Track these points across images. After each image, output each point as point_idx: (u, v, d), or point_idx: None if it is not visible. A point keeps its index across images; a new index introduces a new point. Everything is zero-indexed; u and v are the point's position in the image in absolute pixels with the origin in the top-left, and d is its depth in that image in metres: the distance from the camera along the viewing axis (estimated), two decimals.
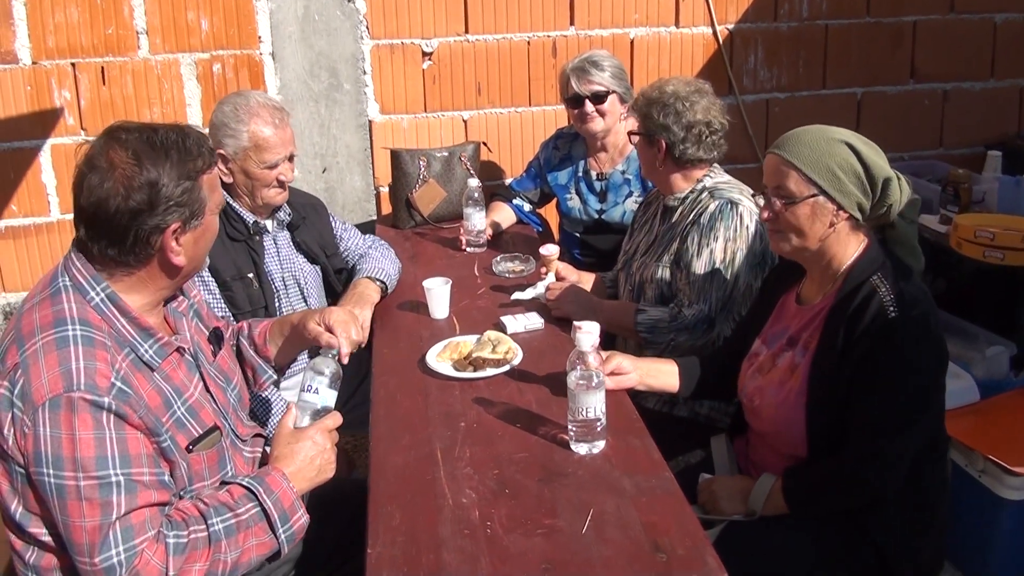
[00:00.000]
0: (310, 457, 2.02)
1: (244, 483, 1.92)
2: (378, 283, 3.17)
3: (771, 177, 2.29)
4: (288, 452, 2.01)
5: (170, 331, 2.05)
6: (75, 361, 1.76)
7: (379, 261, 3.29)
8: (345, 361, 2.29)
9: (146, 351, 1.91)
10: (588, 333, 2.19)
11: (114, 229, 1.86)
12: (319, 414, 2.10)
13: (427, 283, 3.04)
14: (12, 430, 1.75)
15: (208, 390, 2.07)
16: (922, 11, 4.56)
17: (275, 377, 2.47)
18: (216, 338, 2.24)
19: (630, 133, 3.16)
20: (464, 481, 2.09)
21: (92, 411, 1.73)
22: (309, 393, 2.11)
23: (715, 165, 3.09)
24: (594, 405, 2.17)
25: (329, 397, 2.13)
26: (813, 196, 2.21)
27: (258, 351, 2.45)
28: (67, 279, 1.90)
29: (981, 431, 3.07)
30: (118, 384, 1.78)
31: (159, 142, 1.89)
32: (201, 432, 1.96)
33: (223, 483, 1.98)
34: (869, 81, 4.63)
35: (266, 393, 2.68)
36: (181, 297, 2.14)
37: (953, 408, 3.10)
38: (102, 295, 1.89)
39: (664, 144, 2.97)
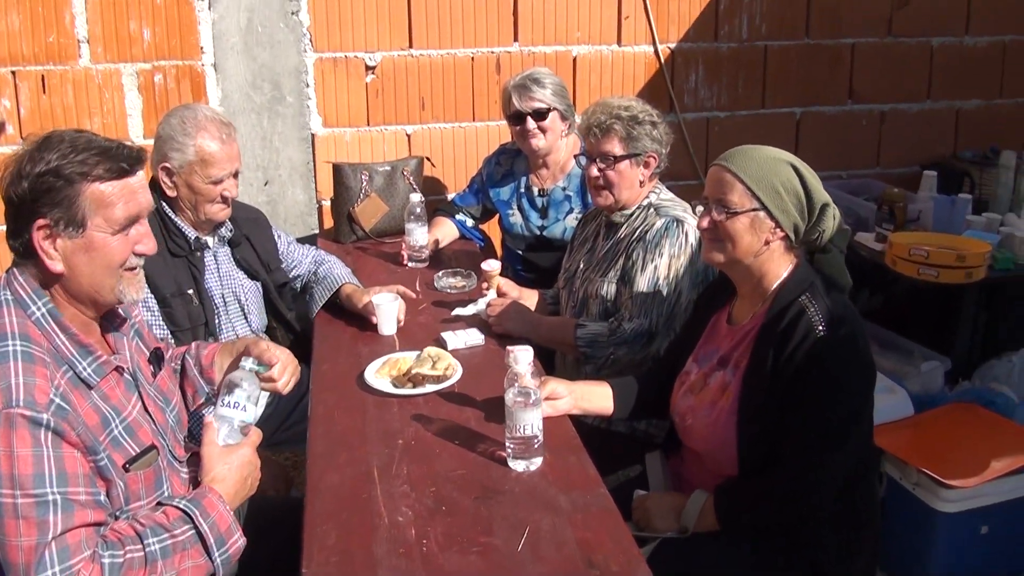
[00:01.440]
0: (244, 476, 2.01)
1: (180, 505, 1.89)
2: (357, 286, 3.23)
3: (714, 188, 2.31)
4: (223, 472, 1.99)
5: (109, 350, 2.02)
6: (15, 376, 1.74)
7: (339, 267, 3.34)
8: (284, 392, 2.31)
9: (84, 369, 1.88)
10: (524, 351, 2.21)
11: (7, 219, 1.86)
12: (243, 429, 2.08)
13: (375, 298, 3.03)
14: None
15: (147, 410, 2.04)
16: (860, 33, 4.67)
17: (209, 394, 2.43)
18: (156, 359, 2.21)
19: (614, 158, 2.97)
20: (401, 499, 2.08)
21: (31, 428, 1.70)
22: (234, 409, 2.07)
23: (658, 182, 3.12)
24: (531, 422, 2.18)
25: (253, 413, 2.10)
26: (754, 210, 2.25)
27: (203, 372, 2.42)
28: (8, 293, 1.87)
29: (915, 445, 3.13)
30: (57, 400, 1.76)
31: (59, 138, 1.87)
32: (138, 451, 1.93)
33: (159, 504, 1.95)
34: (808, 101, 4.72)
35: (205, 413, 2.65)
36: (122, 317, 2.11)
37: (888, 422, 3.17)
38: (43, 310, 1.86)
39: (655, 160, 3.00)
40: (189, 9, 4.01)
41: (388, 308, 3.01)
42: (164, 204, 2.98)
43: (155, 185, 2.93)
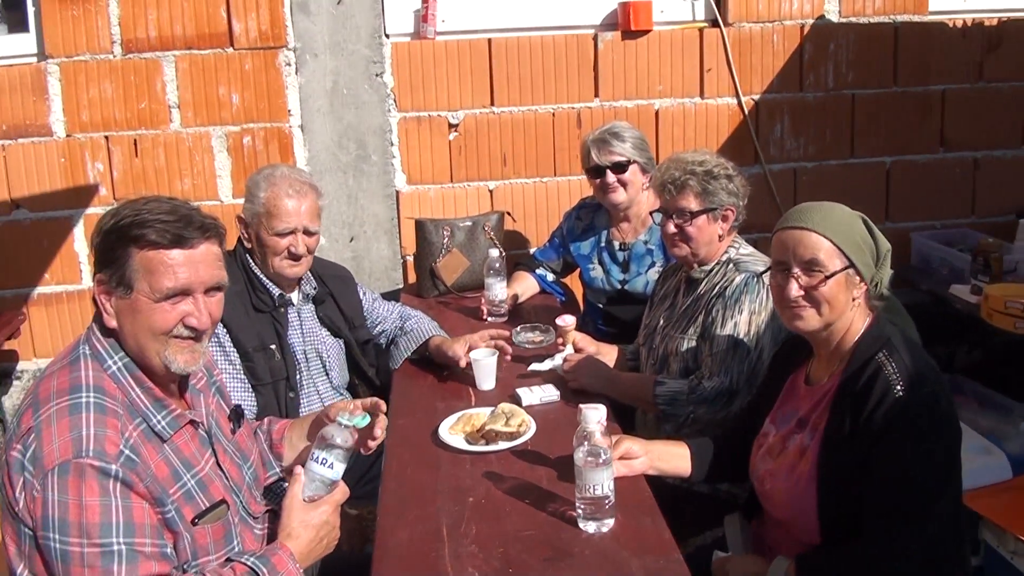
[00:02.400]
0: (320, 536, 2.01)
1: (249, 562, 1.90)
2: (445, 338, 3.25)
3: (798, 251, 2.22)
4: (299, 530, 1.99)
5: (186, 405, 2.05)
6: (86, 428, 1.77)
7: (426, 321, 3.36)
8: (373, 446, 2.33)
9: (158, 422, 1.91)
10: (594, 410, 2.18)
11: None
12: (329, 487, 2.08)
13: (474, 354, 3.05)
14: (23, 493, 1.76)
15: (220, 465, 2.06)
16: (950, 79, 4.56)
17: (280, 475, 2.43)
18: (236, 416, 2.24)
19: (690, 213, 2.92)
20: (468, 560, 2.05)
21: (99, 478, 1.74)
22: (323, 466, 2.07)
23: (738, 236, 3.07)
24: (602, 482, 2.13)
25: (340, 471, 2.11)
26: (846, 268, 2.19)
27: (272, 446, 2.43)
28: (87, 347, 1.93)
29: (1014, 510, 2.97)
30: (126, 452, 1.79)
31: (144, 200, 1.94)
32: (208, 505, 1.95)
33: (228, 560, 1.96)
34: (898, 150, 4.61)
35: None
36: (202, 374, 2.14)
37: (984, 486, 3.03)
38: (119, 364, 1.91)
39: (733, 213, 2.97)
40: (276, 74, 4.13)
41: (487, 364, 3.02)
42: (250, 259, 3.05)
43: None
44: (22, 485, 1.76)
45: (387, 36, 4.23)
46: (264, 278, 3.05)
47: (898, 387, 2.08)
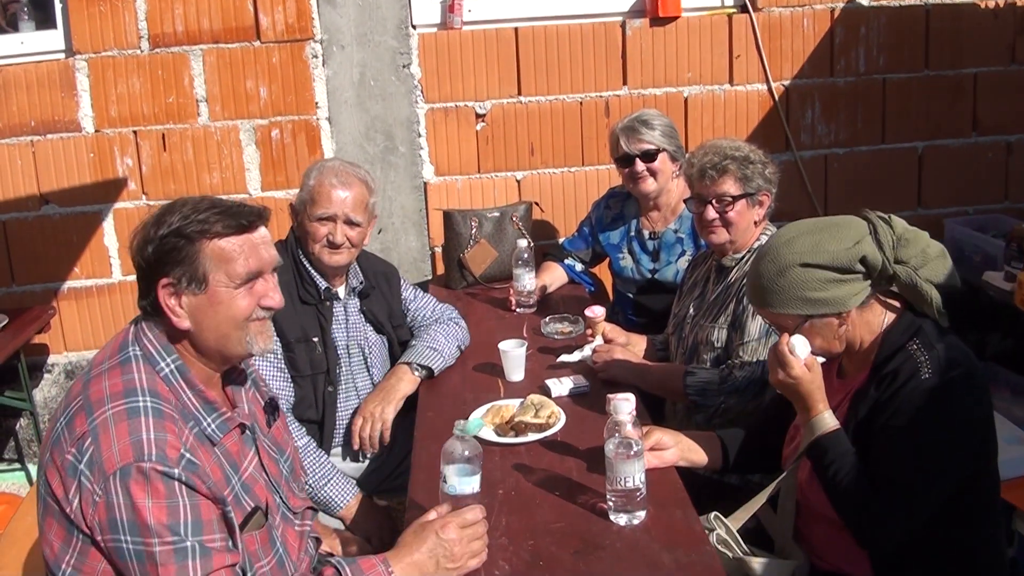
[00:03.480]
0: (430, 549, 1.99)
1: (334, 562, 1.95)
2: (418, 371, 3.09)
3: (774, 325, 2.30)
4: (409, 541, 2.02)
5: (230, 405, 2.06)
6: (145, 432, 1.77)
7: (434, 339, 3.19)
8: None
9: (209, 425, 1.91)
10: (624, 400, 2.16)
11: (139, 280, 1.93)
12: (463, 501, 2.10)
13: (502, 346, 3.04)
14: (78, 497, 1.75)
15: (262, 464, 2.06)
16: (983, 62, 4.48)
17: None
18: (272, 408, 2.23)
19: (731, 198, 2.91)
20: (498, 552, 2.05)
21: (164, 481, 1.74)
22: (442, 484, 2.13)
23: (769, 224, 3.04)
24: (633, 474, 2.12)
25: (459, 484, 2.12)
26: (807, 319, 2.18)
27: None
28: (138, 348, 1.91)
29: None
30: (187, 456, 1.79)
31: (183, 203, 1.94)
32: (251, 508, 1.95)
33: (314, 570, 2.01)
34: (930, 135, 4.54)
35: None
36: (240, 368, 2.14)
37: (1016, 477, 2.97)
38: (171, 367, 1.90)
39: (768, 198, 2.95)
40: (304, 67, 4.14)
41: (515, 355, 3.01)
42: (299, 250, 3.05)
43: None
44: (76, 488, 1.75)
45: (414, 27, 4.21)
46: (312, 270, 3.04)
47: (926, 372, 2.05)
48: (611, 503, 2.16)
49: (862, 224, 2.20)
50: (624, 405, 2.16)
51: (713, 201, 2.92)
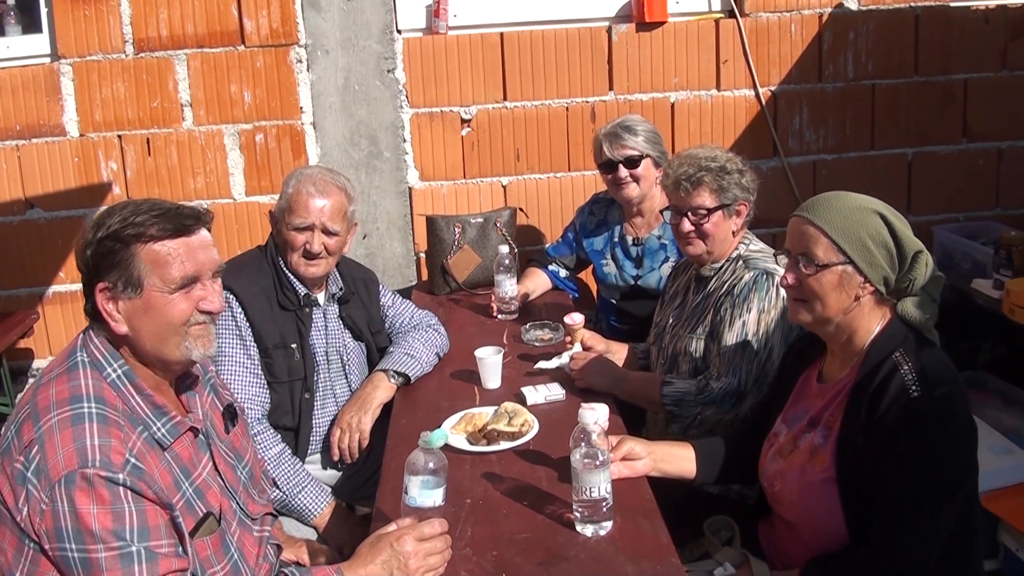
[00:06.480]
0: (384, 561, 1.99)
1: (287, 571, 1.95)
2: (394, 378, 3.06)
3: (797, 241, 2.19)
4: (365, 552, 2.02)
5: (183, 410, 2.04)
6: (89, 438, 1.75)
7: (411, 346, 3.16)
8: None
9: (159, 429, 1.89)
10: (590, 410, 2.13)
11: (83, 285, 1.93)
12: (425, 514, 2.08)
13: (479, 353, 3.01)
14: (27, 506, 1.74)
15: (217, 469, 2.04)
16: (973, 68, 4.46)
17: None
18: (231, 414, 2.22)
19: (706, 211, 2.88)
20: (461, 563, 2.02)
21: (108, 486, 1.72)
22: (404, 495, 2.12)
23: (748, 232, 3.02)
24: (599, 484, 2.09)
25: (420, 497, 2.10)
26: (842, 264, 2.12)
27: None
28: (85, 354, 1.90)
29: None
30: (132, 461, 1.77)
31: (123, 205, 1.93)
32: (203, 514, 1.93)
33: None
34: (920, 141, 4.52)
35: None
36: (195, 373, 2.12)
37: (1005, 487, 2.95)
38: (118, 372, 1.89)
39: (746, 208, 2.92)
40: (288, 71, 4.12)
41: (491, 362, 2.98)
42: (279, 256, 3.03)
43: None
44: (25, 497, 1.74)
45: (398, 32, 4.20)
46: (291, 276, 3.02)
47: (914, 387, 2.01)
48: (577, 513, 2.13)
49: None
50: (590, 415, 2.13)
51: (689, 213, 2.90)
